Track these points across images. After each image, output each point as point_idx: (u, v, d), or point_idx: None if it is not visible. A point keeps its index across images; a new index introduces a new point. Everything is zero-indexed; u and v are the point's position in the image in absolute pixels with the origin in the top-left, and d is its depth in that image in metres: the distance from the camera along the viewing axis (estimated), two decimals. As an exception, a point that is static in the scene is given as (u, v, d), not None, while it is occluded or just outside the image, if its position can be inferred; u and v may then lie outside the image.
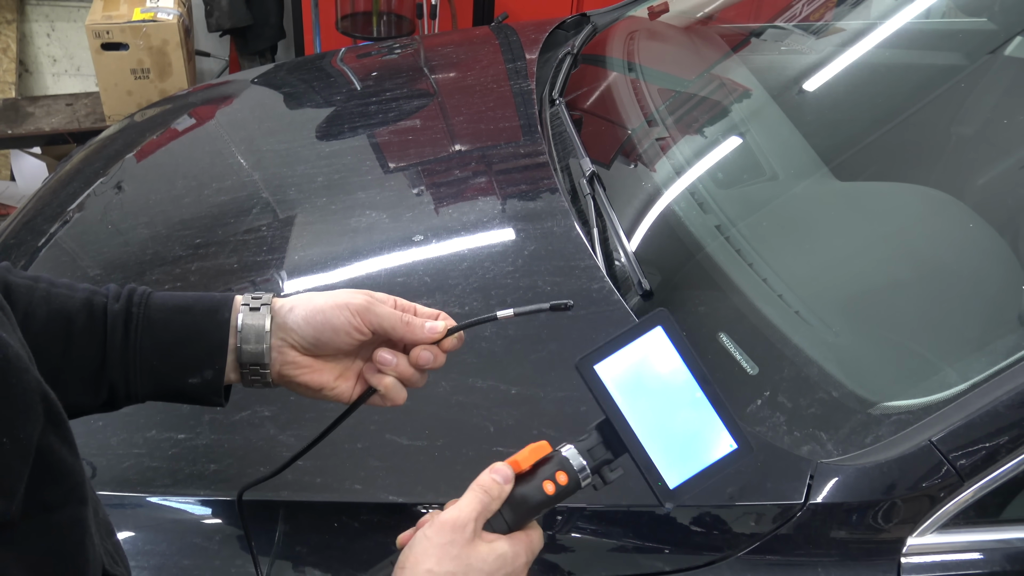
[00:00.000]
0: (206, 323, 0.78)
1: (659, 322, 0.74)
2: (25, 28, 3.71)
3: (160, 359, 0.77)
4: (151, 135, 1.74)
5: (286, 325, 0.79)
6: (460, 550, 0.68)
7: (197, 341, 0.77)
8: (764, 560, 0.96)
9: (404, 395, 0.81)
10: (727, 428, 0.74)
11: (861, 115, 1.59)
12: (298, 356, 0.79)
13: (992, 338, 1.17)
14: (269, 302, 0.79)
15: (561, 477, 0.72)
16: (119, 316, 0.77)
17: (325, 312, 0.78)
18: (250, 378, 0.79)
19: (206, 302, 0.79)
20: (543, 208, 1.39)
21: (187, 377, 0.78)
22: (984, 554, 1.02)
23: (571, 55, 1.83)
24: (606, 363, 0.73)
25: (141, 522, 0.97)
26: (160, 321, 0.77)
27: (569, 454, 0.73)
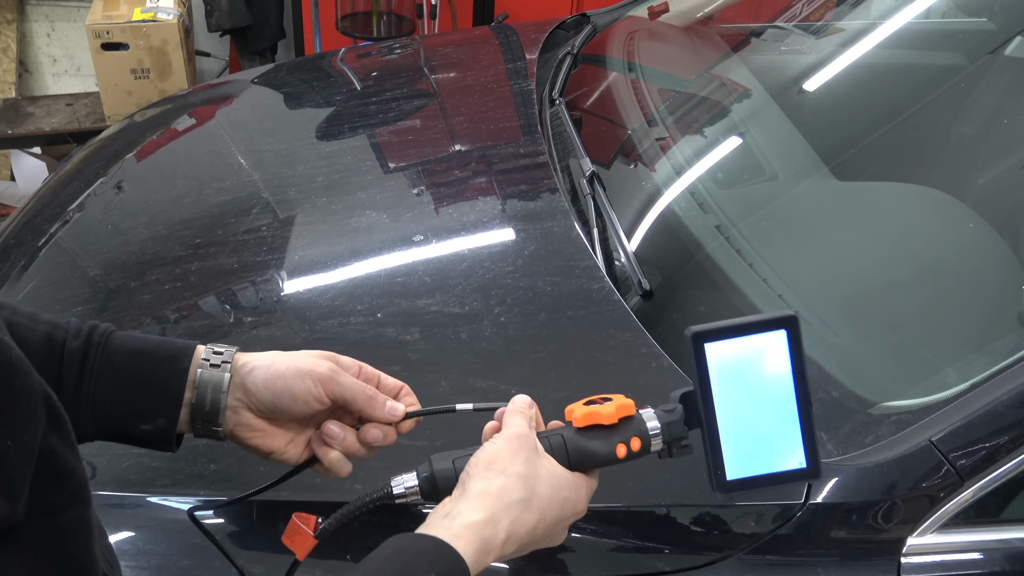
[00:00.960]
0: (164, 371, 0.76)
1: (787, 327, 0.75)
2: (25, 28, 3.71)
3: (113, 403, 0.75)
4: (151, 135, 1.74)
5: (244, 386, 0.78)
6: (528, 454, 0.71)
7: (153, 388, 0.76)
8: (764, 560, 0.96)
9: (349, 468, 0.81)
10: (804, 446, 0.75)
11: (861, 115, 1.59)
12: (252, 419, 0.79)
13: (992, 338, 1.17)
14: (231, 359, 0.78)
15: (635, 443, 0.74)
16: (76, 355, 0.75)
17: (286, 379, 0.77)
18: (201, 432, 0.78)
19: (167, 348, 0.78)
20: (543, 208, 1.39)
21: (139, 423, 0.76)
22: (984, 554, 1.02)
23: (571, 55, 1.82)
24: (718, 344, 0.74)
25: (141, 522, 0.97)
26: (118, 363, 0.76)
27: (649, 421, 0.75)
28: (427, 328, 1.16)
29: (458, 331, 1.16)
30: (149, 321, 1.22)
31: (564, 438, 0.75)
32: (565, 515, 0.73)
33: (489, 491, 0.69)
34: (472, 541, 0.66)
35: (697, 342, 0.73)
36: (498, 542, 0.68)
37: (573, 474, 0.74)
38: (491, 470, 0.70)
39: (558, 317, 1.18)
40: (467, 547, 0.65)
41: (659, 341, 1.13)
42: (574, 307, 1.20)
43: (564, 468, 0.74)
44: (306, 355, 0.79)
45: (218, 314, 1.22)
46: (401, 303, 1.21)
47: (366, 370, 0.82)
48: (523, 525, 0.69)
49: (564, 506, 0.73)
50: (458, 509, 0.68)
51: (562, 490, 0.72)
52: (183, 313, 1.22)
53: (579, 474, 0.75)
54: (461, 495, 0.70)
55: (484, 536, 0.67)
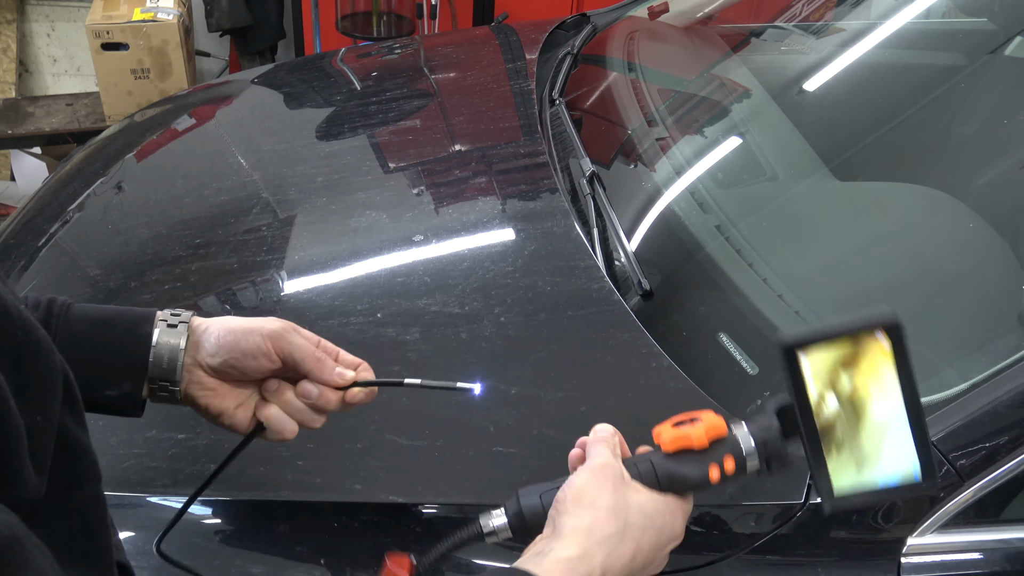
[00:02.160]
0: (127, 336, 0.77)
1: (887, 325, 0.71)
2: (25, 28, 3.71)
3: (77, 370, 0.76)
4: (151, 135, 1.74)
5: (199, 344, 0.78)
6: (616, 484, 0.70)
7: (117, 354, 0.77)
8: (764, 560, 0.96)
9: (292, 428, 0.80)
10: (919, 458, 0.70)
11: (861, 115, 1.59)
12: (205, 377, 0.79)
13: (992, 338, 1.17)
14: (188, 320, 0.79)
15: (728, 463, 0.71)
16: None
17: (236, 334, 0.78)
18: (159, 394, 0.79)
19: (127, 316, 0.79)
20: (543, 208, 1.39)
21: (104, 389, 0.77)
22: (984, 554, 1.02)
23: (571, 55, 1.82)
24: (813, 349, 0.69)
25: (141, 522, 0.97)
26: (80, 333, 0.76)
27: (743, 440, 0.71)
28: (427, 328, 1.16)
29: (458, 331, 1.16)
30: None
31: (653, 463, 0.72)
32: (662, 542, 0.71)
33: (580, 527, 0.68)
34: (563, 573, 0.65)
35: (790, 350, 0.69)
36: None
37: (666, 498, 0.72)
38: (580, 505, 0.69)
39: (558, 317, 1.18)
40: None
41: (659, 341, 1.13)
42: (574, 307, 1.20)
43: (656, 493, 0.72)
44: (263, 318, 0.80)
45: (218, 314, 1.22)
46: (401, 303, 1.21)
47: (325, 344, 0.82)
48: (619, 559, 0.68)
49: (660, 534, 0.71)
50: (551, 547, 0.67)
51: (656, 518, 0.71)
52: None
53: (672, 496, 0.72)
54: (553, 534, 0.69)
55: (579, 572, 0.65)
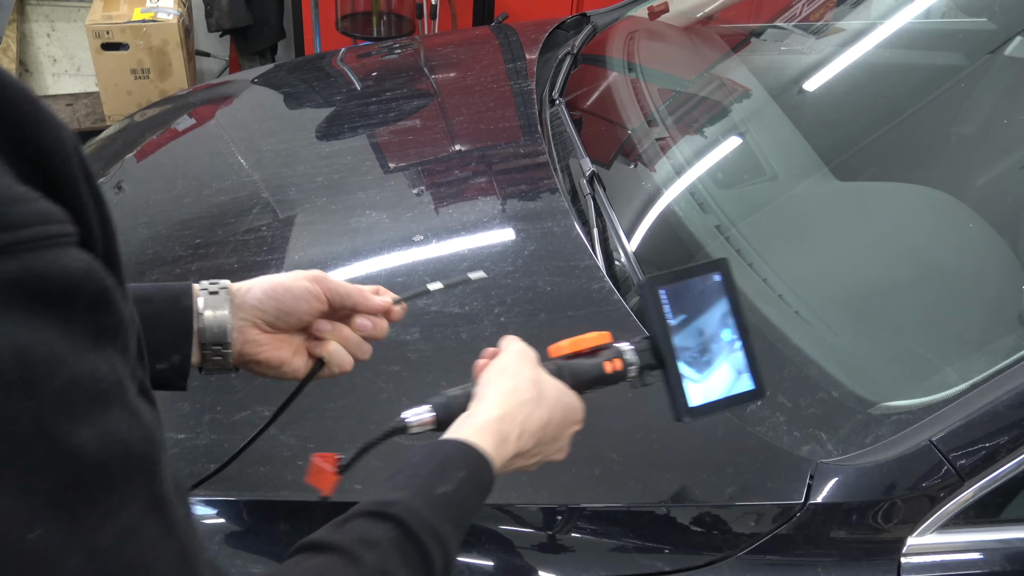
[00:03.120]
0: (169, 310, 0.80)
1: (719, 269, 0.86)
2: (25, 28, 3.71)
3: None
4: (151, 135, 1.74)
5: (246, 304, 0.82)
6: (534, 364, 0.80)
7: (163, 328, 0.79)
8: (764, 560, 0.96)
9: (350, 360, 0.85)
10: (750, 371, 0.86)
11: (861, 115, 1.59)
12: (258, 334, 0.82)
13: (992, 338, 1.17)
14: (227, 286, 0.82)
15: (617, 364, 0.83)
16: None
17: (285, 284, 0.83)
18: (212, 359, 0.81)
19: (166, 291, 0.81)
20: (543, 208, 1.39)
21: (155, 363, 0.78)
22: (984, 554, 1.02)
23: (571, 55, 1.82)
24: (669, 288, 0.84)
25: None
26: None
27: (625, 349, 0.84)
28: (427, 328, 1.16)
29: (458, 331, 1.16)
30: (149, 321, 1.22)
31: (556, 363, 0.83)
32: (569, 420, 0.80)
33: (503, 391, 0.76)
34: (492, 434, 0.72)
35: (650, 287, 0.84)
36: (514, 435, 0.73)
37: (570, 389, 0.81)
38: (503, 374, 0.78)
39: (558, 317, 1.18)
40: (489, 440, 0.72)
41: (659, 341, 1.13)
42: (574, 307, 1.20)
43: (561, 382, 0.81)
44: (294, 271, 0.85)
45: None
46: (401, 303, 1.21)
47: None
48: (535, 421, 0.75)
49: (568, 411, 0.79)
50: (477, 409, 0.75)
51: (564, 397, 0.79)
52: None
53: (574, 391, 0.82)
54: (479, 400, 0.76)
55: (502, 429, 0.73)
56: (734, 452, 1.01)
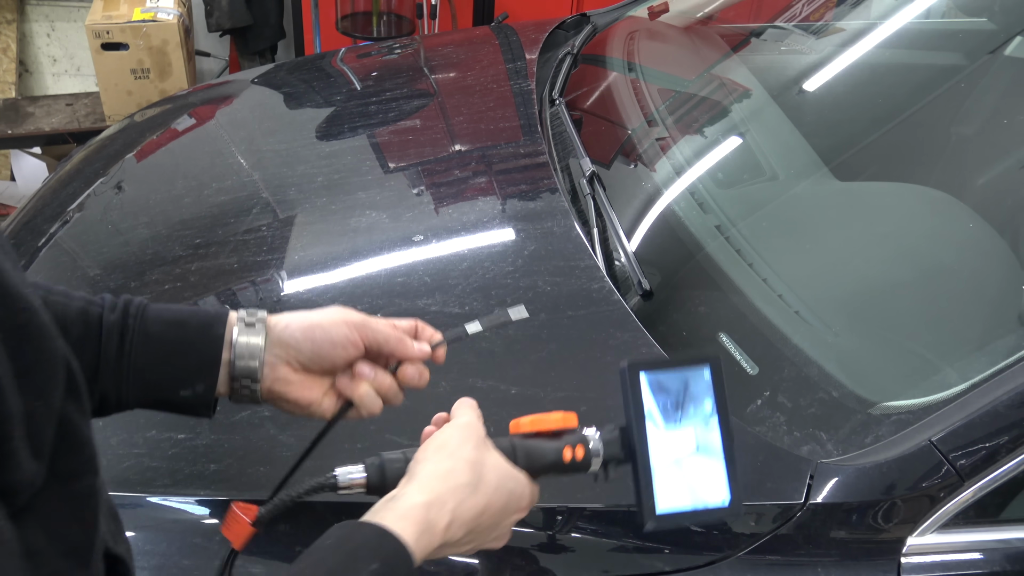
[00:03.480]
0: (200, 337, 0.79)
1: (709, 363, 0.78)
2: (25, 28, 3.71)
3: (153, 371, 0.78)
4: (151, 135, 1.74)
5: (282, 341, 0.80)
6: (478, 442, 0.73)
7: (191, 354, 0.78)
8: (764, 560, 0.96)
9: (379, 405, 0.83)
10: (728, 483, 0.77)
11: (861, 115, 1.59)
12: (289, 372, 0.81)
13: (992, 338, 1.17)
14: (264, 319, 0.81)
15: (579, 451, 0.76)
16: (115, 327, 0.77)
17: (324, 327, 0.80)
18: (240, 392, 0.80)
19: (201, 316, 0.80)
20: (543, 208, 1.39)
21: (179, 389, 0.78)
22: (984, 554, 1.02)
23: (571, 55, 1.82)
24: (651, 376, 0.76)
25: (141, 522, 0.97)
26: (156, 334, 0.78)
27: (591, 436, 0.77)
28: (427, 328, 1.16)
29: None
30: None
31: (512, 441, 0.77)
32: (510, 508, 0.74)
33: (436, 473, 0.70)
34: (416, 523, 0.66)
35: (633, 372, 0.75)
36: (442, 525, 0.67)
37: (520, 471, 0.75)
38: (440, 452, 0.72)
39: (558, 317, 1.18)
40: (411, 529, 0.65)
41: (659, 341, 1.13)
42: (574, 307, 1.20)
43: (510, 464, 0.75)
44: (333, 308, 0.83)
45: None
46: (401, 303, 1.21)
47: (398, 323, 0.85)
48: (469, 509, 0.69)
49: (510, 498, 0.73)
50: (404, 491, 0.69)
51: (509, 482, 0.73)
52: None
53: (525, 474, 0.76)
54: (408, 480, 0.71)
55: (428, 518, 0.67)
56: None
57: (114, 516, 0.69)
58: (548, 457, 0.76)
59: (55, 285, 0.80)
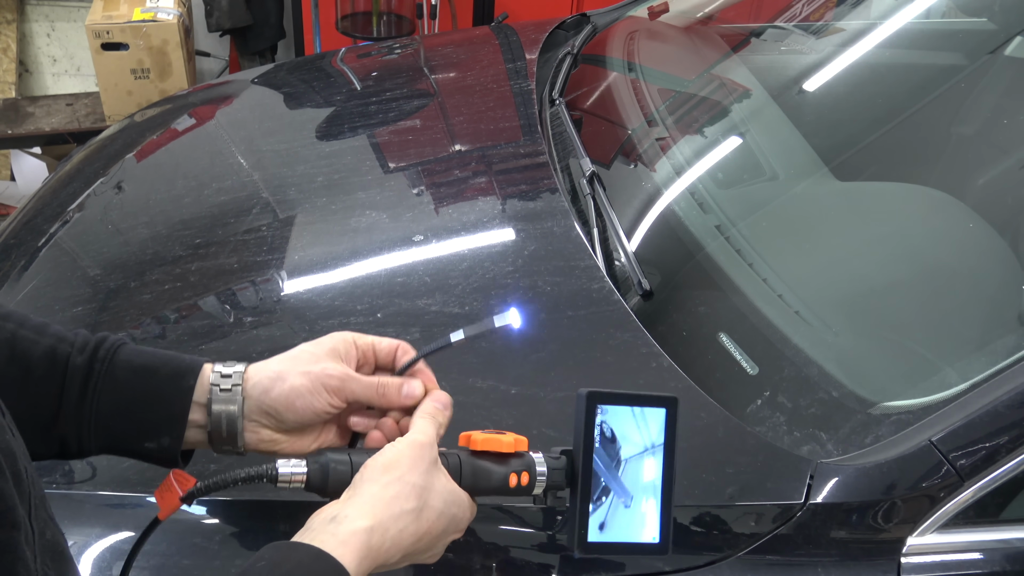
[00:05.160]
0: (169, 389, 0.76)
1: (666, 405, 0.79)
2: (25, 28, 3.71)
3: (116, 420, 0.75)
4: (151, 135, 1.74)
5: (261, 407, 0.77)
6: (428, 466, 0.71)
7: (157, 406, 0.75)
8: (764, 560, 0.96)
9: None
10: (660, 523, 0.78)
11: (861, 115, 1.59)
12: (272, 434, 0.78)
13: (992, 338, 1.17)
14: (240, 381, 0.77)
15: (524, 477, 0.76)
16: (79, 371, 0.74)
17: (303, 396, 0.77)
18: (223, 449, 0.78)
19: (172, 366, 0.77)
20: (543, 208, 1.39)
21: (143, 441, 0.76)
22: (984, 554, 1.02)
23: (571, 55, 1.82)
24: (607, 409, 0.76)
25: (141, 522, 0.97)
26: (122, 381, 0.75)
27: (538, 463, 0.77)
28: (427, 328, 1.16)
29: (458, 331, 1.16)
30: (149, 321, 1.22)
31: (460, 459, 0.76)
32: (449, 531, 0.73)
33: (382, 498, 0.68)
34: (357, 549, 0.65)
35: (591, 403, 0.75)
36: (382, 549, 0.67)
37: (464, 493, 0.74)
38: (388, 474, 0.69)
39: (558, 317, 1.18)
40: (350, 556, 0.64)
41: (659, 341, 1.13)
42: (574, 307, 1.20)
43: (456, 486, 0.74)
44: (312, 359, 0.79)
45: (218, 314, 1.22)
46: (401, 303, 1.21)
47: (361, 345, 0.82)
48: (410, 536, 0.69)
49: (450, 523, 0.73)
50: (346, 512, 0.67)
51: (452, 507, 0.72)
52: (183, 313, 1.22)
53: (468, 495, 0.75)
54: (351, 497, 0.69)
55: (370, 544, 0.66)
56: (734, 452, 1.01)
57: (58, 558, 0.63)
58: (494, 481, 0.76)
59: (34, 319, 0.77)
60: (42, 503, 0.60)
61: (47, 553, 0.60)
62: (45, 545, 0.59)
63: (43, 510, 0.60)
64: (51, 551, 0.61)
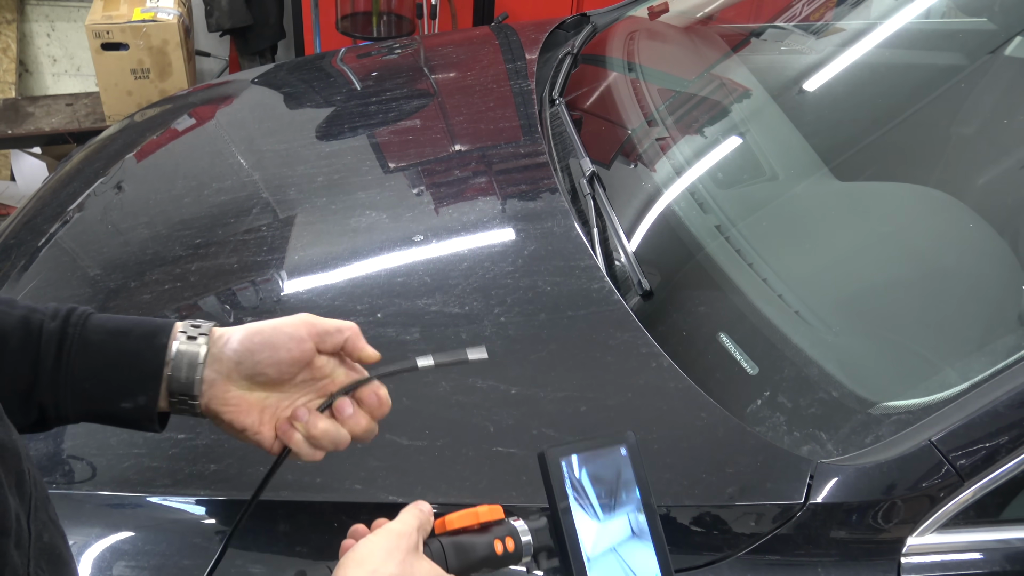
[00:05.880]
0: (142, 347, 0.76)
1: (625, 441, 0.77)
2: (25, 28, 3.71)
3: (92, 381, 0.75)
4: (151, 135, 1.74)
5: (222, 356, 0.76)
6: (405, 556, 0.68)
7: (131, 366, 0.75)
8: (764, 560, 0.96)
9: (317, 455, 0.79)
10: (658, 562, 0.76)
11: (861, 115, 1.59)
12: (228, 390, 0.77)
13: (992, 338, 1.17)
14: (208, 332, 0.77)
15: (509, 543, 0.75)
16: (53, 336, 0.75)
17: (265, 332, 0.77)
18: (178, 407, 0.77)
19: (145, 326, 0.77)
20: (543, 208, 1.39)
21: (119, 402, 0.76)
22: (984, 554, 1.02)
23: (571, 55, 1.82)
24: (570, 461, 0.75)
25: (141, 522, 0.97)
26: (95, 343, 0.75)
27: (520, 528, 0.76)
28: (427, 328, 1.16)
29: (458, 331, 1.16)
30: (149, 321, 1.22)
31: (441, 542, 0.75)
32: None
33: None
34: None
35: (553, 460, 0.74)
36: None
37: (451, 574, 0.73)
38: (361, 568, 0.67)
39: (558, 317, 1.18)
40: None
41: (659, 341, 1.13)
42: (574, 307, 1.20)
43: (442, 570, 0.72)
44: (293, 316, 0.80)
45: (218, 314, 1.22)
46: (401, 303, 1.21)
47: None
48: None
49: None
50: None
51: None
52: (183, 313, 1.22)
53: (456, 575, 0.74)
54: None
55: None
56: (734, 452, 1.01)
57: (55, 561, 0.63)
58: (480, 551, 0.75)
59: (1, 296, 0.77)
60: (43, 505, 0.60)
61: (43, 556, 0.60)
62: (41, 548, 0.59)
63: (43, 512, 0.60)
64: (47, 554, 0.61)
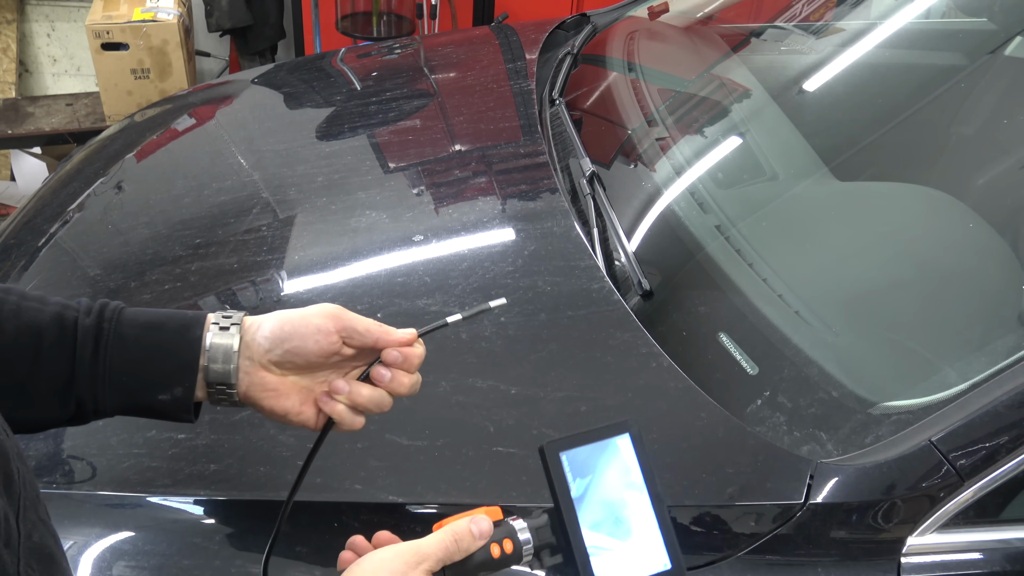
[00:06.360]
0: (177, 340, 0.77)
1: (627, 430, 0.77)
2: (25, 28, 3.71)
3: (130, 375, 0.77)
4: (151, 135, 1.74)
5: (254, 343, 0.78)
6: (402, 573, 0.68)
7: (168, 358, 0.77)
8: (764, 560, 0.96)
9: (360, 421, 0.81)
10: (666, 548, 0.75)
11: (861, 115, 1.59)
12: (266, 376, 0.79)
13: (992, 338, 1.17)
14: (239, 321, 0.79)
15: (507, 545, 0.74)
16: (90, 331, 0.76)
17: (294, 321, 0.78)
18: (216, 397, 0.79)
19: (178, 319, 0.79)
20: (543, 208, 1.39)
21: (157, 393, 0.77)
22: (984, 554, 1.02)
23: (571, 55, 1.82)
24: (571, 454, 0.75)
25: (141, 522, 0.97)
26: (131, 337, 0.77)
27: (518, 527, 0.75)
28: (427, 328, 1.16)
29: (458, 331, 1.16)
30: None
31: None
32: None
33: None
34: None
35: (552, 454, 0.74)
36: None
37: None
38: None
39: (558, 317, 1.18)
40: None
41: (659, 341, 1.13)
42: (574, 307, 1.20)
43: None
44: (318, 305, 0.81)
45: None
46: (401, 303, 1.21)
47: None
48: None
49: None
50: None
51: None
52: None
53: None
54: None
55: None
56: (734, 452, 1.01)
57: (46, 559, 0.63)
58: (476, 557, 0.74)
59: (32, 292, 0.79)
60: (33, 505, 0.60)
61: (33, 556, 0.60)
62: (31, 548, 0.59)
63: (34, 512, 0.61)
64: (37, 554, 0.61)
